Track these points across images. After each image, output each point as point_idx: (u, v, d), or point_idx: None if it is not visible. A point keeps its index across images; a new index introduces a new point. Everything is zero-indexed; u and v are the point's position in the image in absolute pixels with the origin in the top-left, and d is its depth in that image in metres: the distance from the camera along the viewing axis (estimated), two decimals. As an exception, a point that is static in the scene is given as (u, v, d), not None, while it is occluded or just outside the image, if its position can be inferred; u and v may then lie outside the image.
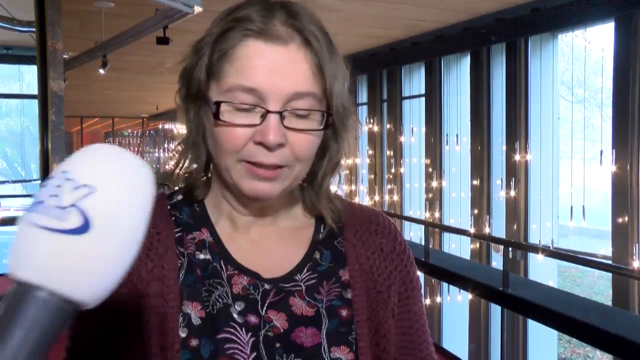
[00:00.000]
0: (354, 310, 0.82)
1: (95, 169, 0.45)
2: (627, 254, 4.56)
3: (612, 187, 4.85)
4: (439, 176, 6.91)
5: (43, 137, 5.26)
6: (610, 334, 3.02)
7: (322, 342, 0.79)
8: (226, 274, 0.80)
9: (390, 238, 0.89)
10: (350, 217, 0.89)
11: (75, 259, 0.43)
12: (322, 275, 0.83)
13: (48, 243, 0.43)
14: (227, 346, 0.75)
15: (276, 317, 0.79)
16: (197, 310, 0.77)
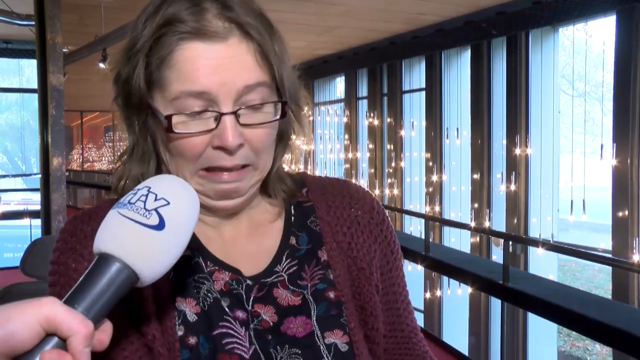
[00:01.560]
0: (338, 290, 0.80)
1: (170, 190, 0.64)
2: (627, 247, 4.57)
3: (612, 181, 4.85)
4: (439, 170, 6.91)
5: (43, 131, 5.25)
6: (610, 327, 3.03)
7: (315, 329, 0.78)
8: (207, 269, 0.78)
9: (365, 209, 0.86)
10: (321, 193, 0.87)
11: (149, 245, 0.60)
12: (302, 260, 0.82)
13: (134, 231, 0.60)
14: (225, 341, 0.74)
15: (264, 311, 0.78)
16: (192, 307, 0.76)
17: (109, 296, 0.58)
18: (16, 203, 8.45)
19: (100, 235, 0.61)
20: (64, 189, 5.36)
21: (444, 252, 5.18)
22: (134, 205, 0.61)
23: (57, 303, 0.54)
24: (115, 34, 5.63)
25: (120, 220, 0.60)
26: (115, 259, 0.59)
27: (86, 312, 0.56)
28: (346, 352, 0.78)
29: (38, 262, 4.00)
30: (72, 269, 0.74)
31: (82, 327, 0.54)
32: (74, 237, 0.76)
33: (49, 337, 0.54)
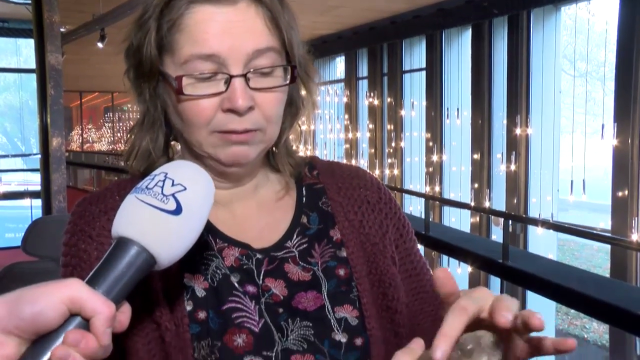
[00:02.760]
0: (351, 267, 0.82)
1: (187, 175, 0.65)
2: (626, 227, 4.59)
3: (612, 160, 4.85)
4: (440, 150, 6.91)
5: (42, 111, 5.23)
6: (608, 304, 3.05)
7: (325, 303, 0.79)
8: (216, 247, 0.79)
9: (373, 189, 0.89)
10: (331, 175, 0.89)
11: (167, 229, 0.61)
12: (312, 239, 0.83)
13: (152, 216, 0.61)
14: (235, 315, 0.75)
15: (274, 285, 0.79)
16: (200, 283, 0.77)
17: (128, 279, 0.59)
18: (16, 184, 8.46)
19: (118, 219, 0.62)
20: (63, 169, 5.36)
21: (444, 231, 5.20)
22: (151, 190, 0.62)
23: (81, 284, 0.56)
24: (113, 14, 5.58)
25: (138, 205, 0.62)
26: (134, 242, 0.60)
27: (107, 294, 0.57)
28: (356, 325, 0.79)
29: (39, 241, 4.01)
30: (82, 250, 0.76)
31: (105, 307, 0.55)
32: (82, 219, 0.78)
33: (72, 318, 0.55)
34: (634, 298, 3.19)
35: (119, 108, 15.14)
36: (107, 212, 0.77)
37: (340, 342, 0.77)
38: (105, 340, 0.54)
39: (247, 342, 0.74)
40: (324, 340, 0.77)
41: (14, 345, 0.53)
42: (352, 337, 0.78)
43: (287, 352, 0.75)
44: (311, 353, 0.75)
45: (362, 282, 0.81)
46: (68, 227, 0.78)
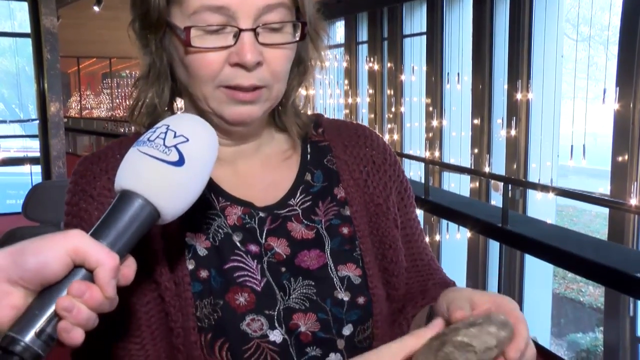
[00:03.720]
0: (354, 226, 0.82)
1: (189, 127, 0.64)
2: (625, 192, 4.59)
3: (613, 125, 4.83)
4: (440, 115, 6.87)
5: (38, 76, 5.18)
6: (605, 267, 3.08)
7: (328, 261, 0.79)
8: (219, 205, 0.79)
9: (380, 150, 0.88)
10: (337, 133, 0.88)
11: (169, 181, 0.61)
12: (316, 196, 0.82)
13: (154, 167, 0.60)
14: (237, 274, 0.75)
15: (277, 244, 0.78)
16: (202, 242, 0.76)
17: (132, 232, 0.59)
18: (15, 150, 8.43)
19: (121, 172, 0.61)
20: (62, 135, 5.33)
21: (444, 195, 5.22)
22: (153, 142, 0.62)
23: (84, 235, 0.56)
24: (109, -25, 5.48)
25: (140, 157, 0.61)
26: (137, 195, 0.60)
27: (111, 246, 0.57)
28: (359, 284, 0.79)
29: (39, 206, 4.02)
30: (83, 210, 0.76)
31: (109, 258, 0.55)
32: (83, 178, 0.77)
33: (77, 270, 0.55)
34: (631, 260, 3.22)
35: (117, 74, 15.00)
36: (108, 172, 0.76)
37: (343, 300, 0.77)
38: (109, 292, 0.54)
39: (249, 301, 0.74)
40: (326, 299, 0.77)
41: (21, 296, 0.54)
42: (355, 296, 0.78)
43: (289, 310, 0.75)
44: (313, 312, 0.76)
45: (365, 242, 0.81)
46: (69, 186, 0.78)
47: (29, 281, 0.53)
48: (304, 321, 0.75)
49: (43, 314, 0.53)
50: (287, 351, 0.74)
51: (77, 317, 0.53)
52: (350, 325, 0.77)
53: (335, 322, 0.76)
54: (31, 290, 0.54)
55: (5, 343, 0.52)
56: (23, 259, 0.53)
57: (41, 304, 0.53)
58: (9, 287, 0.53)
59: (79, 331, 0.53)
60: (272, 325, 0.73)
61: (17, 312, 0.53)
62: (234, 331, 0.72)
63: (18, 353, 0.51)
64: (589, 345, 6.27)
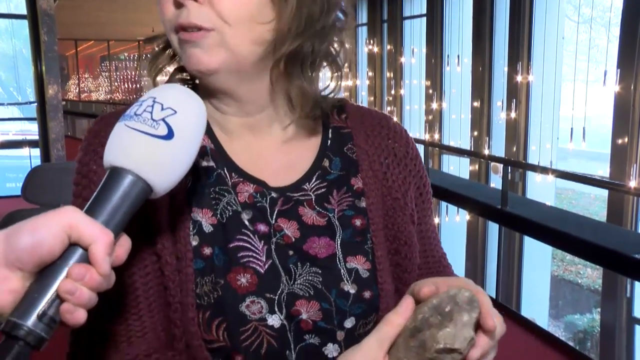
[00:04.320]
0: (369, 219, 0.79)
1: (176, 98, 0.62)
2: (625, 175, 4.59)
3: (614, 107, 4.81)
4: (439, 98, 6.85)
5: (36, 58, 5.14)
6: (604, 248, 3.09)
7: (337, 252, 0.77)
8: (231, 181, 0.77)
9: (402, 142, 0.85)
10: (360, 121, 0.85)
11: (159, 156, 0.59)
12: (332, 184, 0.80)
13: (143, 142, 0.59)
14: (241, 254, 0.74)
15: (287, 226, 0.77)
16: (208, 218, 0.75)
17: (125, 209, 0.58)
18: (14, 133, 8.40)
19: (109, 149, 0.60)
20: (61, 117, 5.31)
21: (443, 177, 5.22)
22: (140, 116, 0.60)
23: (78, 211, 0.56)
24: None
25: (128, 133, 0.60)
26: (127, 171, 0.59)
27: (105, 224, 0.57)
28: (367, 278, 0.78)
29: (39, 189, 4.01)
30: (92, 171, 0.75)
31: (104, 234, 0.55)
32: (96, 138, 0.76)
33: (72, 249, 0.55)
34: (629, 242, 3.23)
35: (115, 57, 14.90)
36: None
37: (349, 292, 0.76)
38: (104, 269, 0.54)
39: (250, 283, 0.73)
40: (331, 289, 0.76)
41: (18, 279, 0.53)
42: (362, 289, 0.77)
43: (292, 296, 0.74)
44: (317, 300, 0.75)
45: (378, 235, 0.80)
46: (82, 144, 0.77)
47: (26, 262, 0.53)
48: (306, 309, 0.74)
49: (43, 297, 0.53)
50: (284, 336, 0.73)
51: (80, 298, 0.53)
52: (353, 318, 0.76)
53: (338, 313, 0.75)
54: (29, 272, 0.54)
55: (8, 328, 0.52)
56: (18, 240, 0.53)
57: (40, 287, 0.53)
58: (6, 271, 0.53)
59: (81, 311, 0.54)
60: (272, 310, 0.73)
61: (16, 296, 0.53)
62: (232, 311, 0.72)
63: (22, 337, 0.51)
64: (586, 326, 6.32)
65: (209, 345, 0.72)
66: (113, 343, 0.72)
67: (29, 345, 0.52)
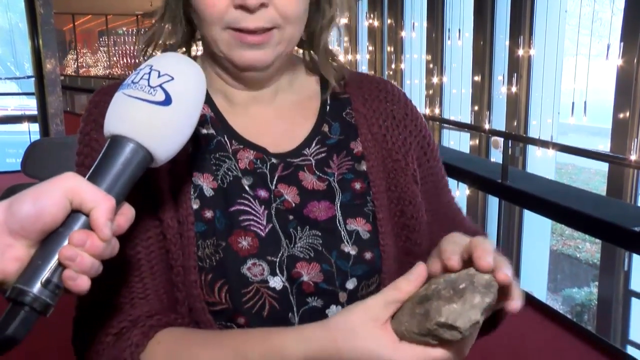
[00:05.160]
0: (370, 182, 0.80)
1: (172, 65, 0.63)
2: (625, 149, 4.58)
3: (616, 81, 4.78)
4: (440, 72, 6.81)
5: (33, 32, 5.09)
6: (603, 221, 3.10)
7: (337, 214, 0.78)
8: (231, 148, 0.78)
9: (400, 105, 0.86)
10: (357, 86, 0.86)
11: (158, 122, 0.60)
12: (331, 149, 0.81)
13: (141, 109, 0.59)
14: (242, 218, 0.75)
15: (287, 191, 0.78)
16: (209, 182, 0.76)
17: (126, 177, 0.59)
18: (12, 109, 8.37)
19: (108, 117, 0.61)
20: (59, 92, 5.29)
21: (444, 152, 5.20)
22: (137, 84, 0.61)
23: (79, 177, 0.56)
24: None
25: (126, 101, 0.60)
26: (127, 139, 0.59)
27: (107, 192, 0.57)
28: (368, 239, 0.79)
29: (38, 163, 4.01)
30: (93, 139, 0.76)
31: (105, 200, 0.55)
32: (97, 108, 0.77)
33: (74, 215, 0.55)
34: (629, 215, 3.24)
35: (113, 32, 14.76)
36: None
37: (349, 254, 0.77)
38: (105, 234, 0.54)
39: (251, 246, 0.74)
40: (332, 250, 0.77)
41: (23, 247, 0.54)
42: (362, 251, 0.78)
43: (293, 258, 0.75)
44: (317, 262, 0.76)
45: (380, 198, 0.80)
46: (83, 115, 0.79)
47: (29, 230, 0.53)
48: (307, 270, 0.75)
49: (47, 264, 0.53)
50: (286, 299, 0.74)
51: (81, 265, 0.53)
52: (355, 279, 0.77)
53: (339, 274, 0.76)
54: (32, 240, 0.54)
55: (14, 295, 0.53)
56: (21, 208, 0.53)
57: (44, 254, 0.54)
58: (10, 239, 0.53)
59: (84, 278, 0.54)
60: (273, 272, 0.73)
61: (21, 264, 0.54)
62: (234, 274, 0.72)
63: (28, 303, 0.52)
64: (583, 299, 6.37)
65: (212, 308, 0.73)
66: (116, 305, 0.73)
67: (35, 311, 0.52)
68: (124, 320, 0.72)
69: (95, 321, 0.73)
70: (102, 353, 0.72)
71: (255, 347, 0.64)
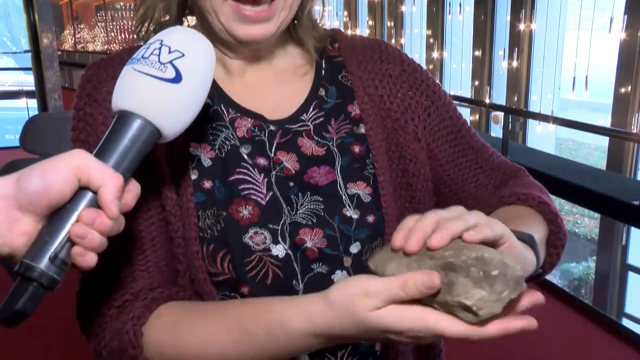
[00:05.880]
0: (369, 144, 0.80)
1: (183, 41, 0.61)
2: (626, 124, 4.57)
3: (618, 55, 4.74)
4: (440, 47, 6.75)
5: (28, 6, 5.03)
6: (603, 195, 3.11)
7: (337, 178, 0.78)
8: (228, 117, 0.77)
9: (396, 62, 0.85)
10: (352, 49, 0.85)
11: (168, 99, 0.59)
12: (329, 113, 0.81)
13: (151, 86, 0.59)
14: (242, 187, 0.74)
15: (286, 158, 0.77)
16: (207, 152, 0.75)
17: (134, 153, 0.58)
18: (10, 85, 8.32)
19: (117, 92, 0.60)
20: (56, 67, 5.25)
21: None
22: (147, 59, 0.59)
23: (87, 154, 0.56)
24: None
25: (135, 76, 0.59)
26: (136, 115, 0.58)
27: (114, 168, 0.57)
28: (369, 203, 0.78)
29: (37, 138, 4.00)
30: (88, 114, 0.75)
31: (113, 177, 0.55)
32: (89, 83, 0.76)
33: (82, 192, 0.55)
34: (628, 189, 3.24)
35: (110, 6, 14.59)
36: (115, 77, 0.75)
37: (352, 218, 0.77)
38: (113, 212, 0.54)
39: (252, 214, 0.73)
40: (334, 215, 0.76)
41: (31, 222, 0.54)
42: (364, 214, 0.77)
43: (295, 225, 0.75)
44: (320, 227, 0.75)
45: (380, 160, 0.80)
46: (77, 91, 0.78)
47: (37, 205, 0.53)
48: (310, 237, 0.75)
49: (55, 240, 0.54)
50: (290, 266, 0.74)
51: (91, 242, 0.54)
52: (359, 243, 0.76)
53: (342, 239, 0.76)
54: (40, 215, 0.54)
55: (22, 269, 0.53)
56: (29, 183, 0.53)
57: (51, 230, 0.54)
58: (18, 214, 0.53)
59: (92, 255, 0.55)
60: (276, 240, 0.73)
61: (29, 239, 0.54)
62: (236, 243, 0.72)
63: (35, 278, 0.53)
64: (581, 273, 6.42)
65: (214, 279, 0.73)
66: (118, 279, 0.73)
67: (42, 287, 0.53)
68: (126, 294, 0.72)
69: (97, 295, 0.73)
70: (104, 326, 0.72)
71: (258, 319, 0.63)
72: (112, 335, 0.70)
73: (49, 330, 3.03)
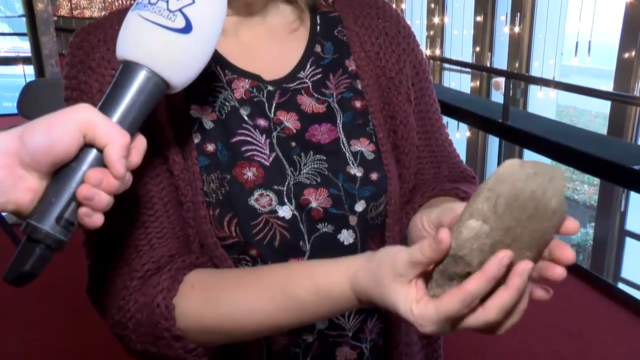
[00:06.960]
0: (367, 100, 0.79)
1: None
2: (629, 89, 4.53)
3: (623, 18, 4.68)
4: (441, 12, 6.66)
5: (23, -31, 4.94)
6: (604, 160, 3.10)
7: (340, 135, 0.76)
8: (225, 78, 0.76)
9: (393, 21, 0.83)
10: (348, 4, 0.84)
11: (177, 51, 0.56)
12: (327, 69, 0.79)
13: (159, 36, 0.55)
14: (245, 148, 0.73)
15: (286, 118, 0.76)
16: (208, 114, 0.74)
17: (140, 106, 0.56)
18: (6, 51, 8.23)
19: (122, 41, 0.56)
20: (53, 32, 5.18)
21: (444, 92, 5.16)
22: (155, 5, 0.55)
23: (93, 109, 0.53)
24: None
25: (142, 25, 0.56)
26: (142, 67, 0.55)
27: (120, 123, 0.54)
28: (372, 160, 0.77)
29: (35, 104, 3.97)
30: (82, 82, 0.72)
31: (120, 135, 0.53)
32: (80, 49, 0.73)
33: (87, 150, 0.53)
34: (629, 154, 3.24)
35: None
36: (107, 42, 0.72)
37: (356, 176, 0.76)
38: (119, 171, 0.53)
39: (257, 176, 0.72)
40: (338, 174, 0.75)
41: (35, 179, 0.52)
42: (368, 172, 0.76)
43: (300, 185, 0.74)
44: (324, 187, 0.74)
45: (377, 117, 0.78)
46: (67, 59, 0.74)
47: (40, 162, 0.52)
48: (315, 197, 0.74)
49: (60, 201, 0.53)
50: (297, 227, 0.73)
51: (98, 204, 0.53)
52: (363, 201, 0.76)
53: (347, 197, 0.75)
54: (44, 172, 0.53)
55: (28, 231, 0.52)
56: (32, 139, 0.51)
57: (56, 190, 0.53)
58: (22, 171, 0.52)
59: (99, 215, 0.54)
60: (281, 201, 0.72)
61: (34, 195, 0.53)
62: (242, 206, 0.71)
63: (42, 240, 0.52)
64: (579, 240, 6.47)
65: (223, 242, 0.72)
66: (134, 248, 0.71)
67: (49, 248, 0.52)
68: (147, 263, 0.70)
69: (113, 267, 0.72)
70: (128, 298, 0.70)
71: (304, 284, 0.61)
72: (139, 307, 0.69)
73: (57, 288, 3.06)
